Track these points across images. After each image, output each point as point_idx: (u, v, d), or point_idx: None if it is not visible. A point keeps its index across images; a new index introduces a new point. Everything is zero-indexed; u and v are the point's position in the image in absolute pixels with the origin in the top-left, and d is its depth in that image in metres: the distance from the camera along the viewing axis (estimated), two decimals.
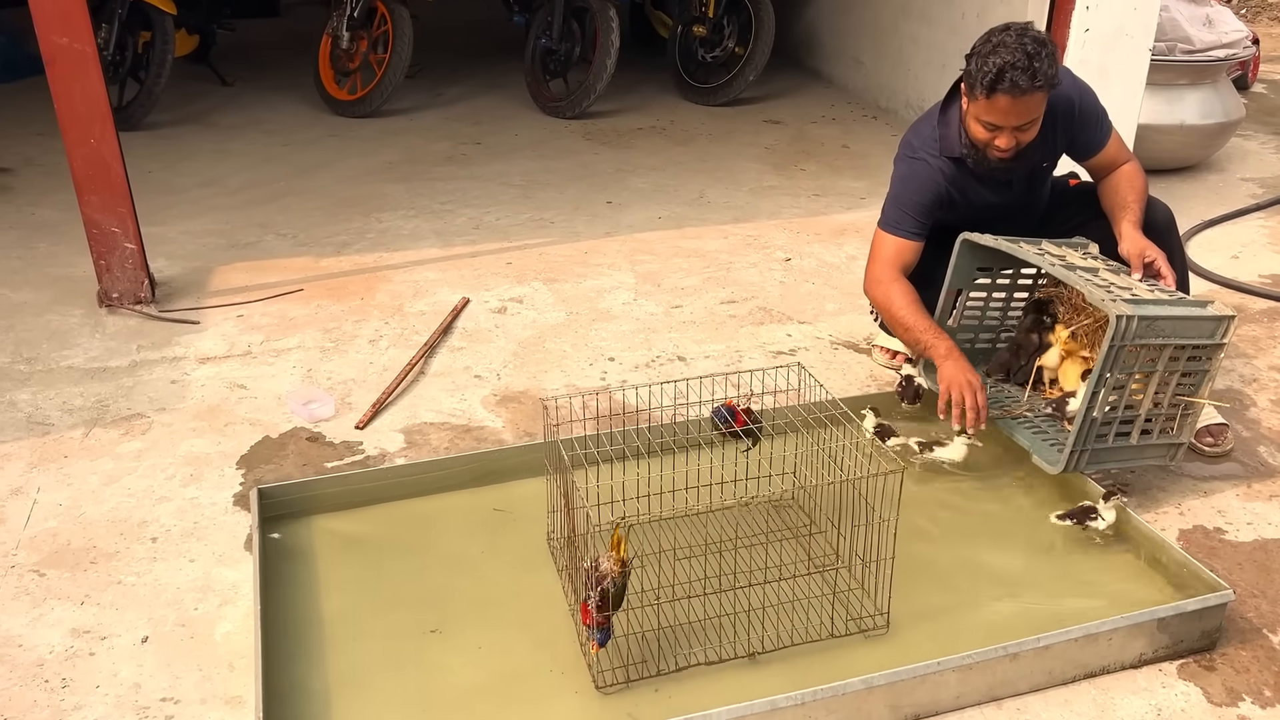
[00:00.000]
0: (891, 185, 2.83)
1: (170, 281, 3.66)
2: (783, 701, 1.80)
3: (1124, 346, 2.32)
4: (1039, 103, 2.52)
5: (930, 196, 2.73)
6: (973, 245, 2.69)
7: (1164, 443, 2.49)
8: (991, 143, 2.58)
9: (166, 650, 2.08)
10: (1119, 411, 2.41)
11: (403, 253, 3.95)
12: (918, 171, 2.75)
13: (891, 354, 3.12)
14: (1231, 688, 2.00)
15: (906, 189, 2.76)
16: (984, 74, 2.47)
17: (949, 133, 2.71)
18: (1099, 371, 2.33)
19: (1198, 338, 2.41)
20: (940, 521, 2.40)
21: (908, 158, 2.79)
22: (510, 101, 5.97)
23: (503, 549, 2.31)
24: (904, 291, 2.71)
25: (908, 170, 2.78)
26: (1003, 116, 2.52)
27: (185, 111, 5.69)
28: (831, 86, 6.38)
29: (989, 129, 2.56)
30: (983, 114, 2.54)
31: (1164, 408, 2.46)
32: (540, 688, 1.94)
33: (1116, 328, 2.28)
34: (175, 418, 2.87)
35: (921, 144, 2.77)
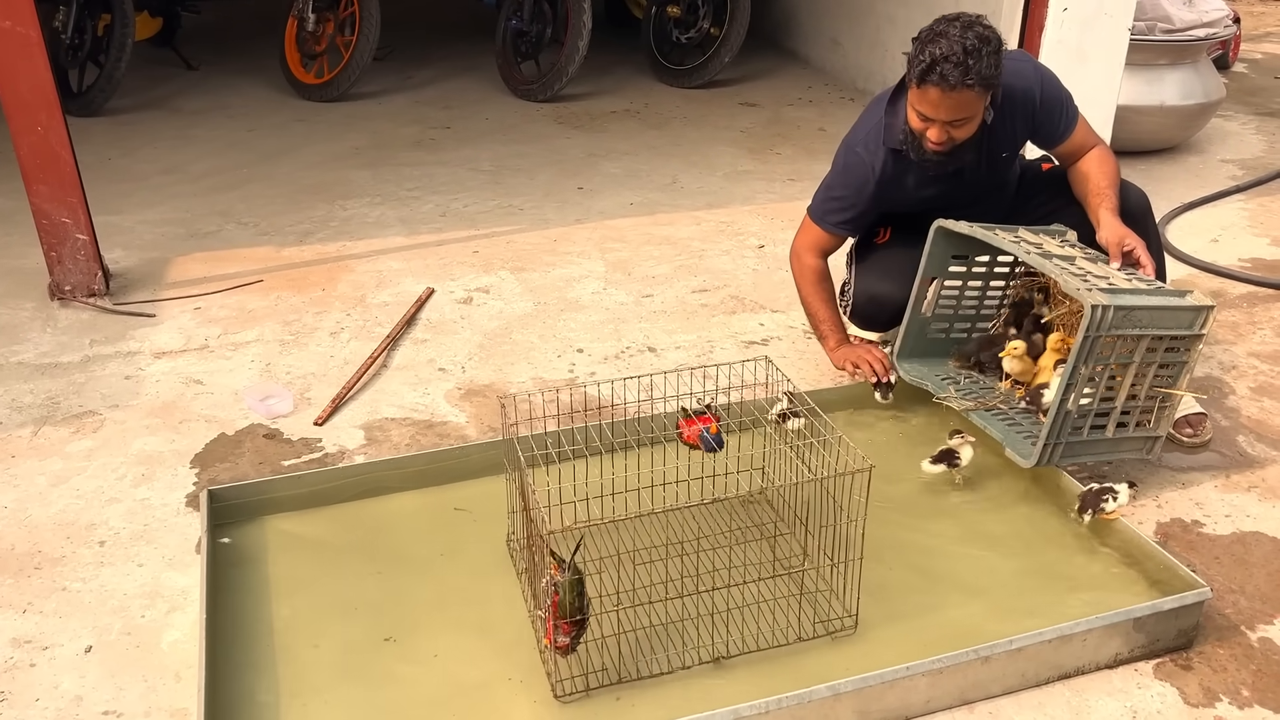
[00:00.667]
0: (829, 172, 2.79)
1: (126, 273, 3.56)
2: (746, 710, 1.74)
3: (1099, 337, 2.26)
4: (972, 101, 2.44)
5: (855, 194, 2.70)
6: (948, 233, 2.63)
7: (1141, 436, 2.44)
8: (924, 133, 2.52)
9: (111, 660, 2.00)
10: (1094, 404, 2.35)
11: (367, 241, 3.86)
12: (852, 165, 2.70)
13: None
14: (1208, 688, 1.95)
15: (838, 182, 2.74)
16: (919, 62, 2.41)
17: (895, 122, 2.64)
18: (1073, 362, 2.27)
19: (1176, 328, 2.35)
20: (910, 519, 2.34)
21: (848, 146, 2.74)
22: (481, 84, 5.86)
23: (462, 551, 2.24)
24: (811, 273, 2.80)
25: (844, 161, 2.73)
26: (933, 109, 2.45)
27: (147, 96, 5.56)
28: (808, 68, 6.29)
29: (922, 119, 2.50)
30: (916, 102, 2.49)
31: (1141, 400, 2.40)
32: (498, 697, 1.87)
33: (1092, 318, 2.22)
34: (128, 415, 2.78)
35: (865, 134, 2.70)
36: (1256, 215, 4.23)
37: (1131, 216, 2.63)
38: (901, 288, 2.75)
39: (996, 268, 2.79)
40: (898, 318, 2.78)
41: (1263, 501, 2.46)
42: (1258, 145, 5.10)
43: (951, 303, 2.79)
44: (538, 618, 1.95)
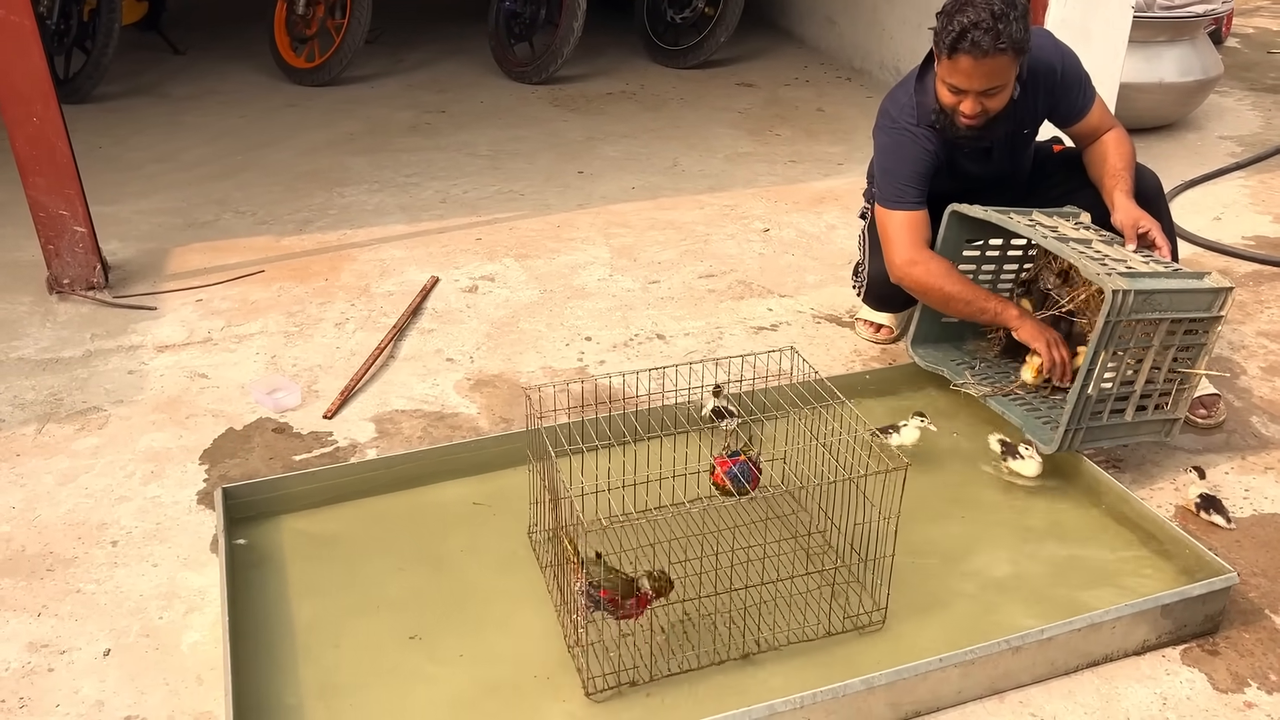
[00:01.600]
0: (878, 159, 2.73)
1: (124, 265, 3.50)
2: (781, 706, 1.73)
3: (1120, 321, 2.25)
4: (1005, 67, 2.41)
5: (924, 165, 2.63)
6: (961, 217, 2.60)
7: (1159, 418, 2.43)
8: (957, 108, 2.49)
9: (130, 663, 1.98)
10: (1114, 388, 2.34)
11: (367, 229, 3.81)
12: (903, 142, 2.65)
13: (875, 327, 3.05)
14: (1236, 673, 1.95)
15: (897, 160, 2.65)
16: (948, 33, 2.38)
17: (926, 100, 2.61)
18: (1095, 348, 2.26)
19: (1195, 310, 2.34)
20: (930, 510, 2.33)
21: (889, 128, 2.68)
22: (474, 67, 5.80)
23: (483, 545, 2.22)
24: (943, 268, 2.58)
25: (892, 141, 2.67)
26: (965, 79, 2.42)
27: (135, 82, 5.47)
28: (804, 47, 6.25)
29: (954, 92, 2.47)
30: (947, 75, 2.45)
31: (1159, 383, 2.40)
32: (527, 696, 1.86)
33: (1113, 303, 2.20)
34: (133, 411, 2.74)
35: (899, 113, 2.66)
36: (1258, 192, 4.22)
37: (1144, 198, 2.61)
38: None
39: (1010, 251, 2.77)
40: (912, 299, 2.76)
41: (1279, 483, 2.47)
42: (1254, 121, 5.09)
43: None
44: (569, 613, 1.93)
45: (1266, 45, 6.59)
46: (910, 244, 2.61)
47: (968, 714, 1.86)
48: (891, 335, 3.03)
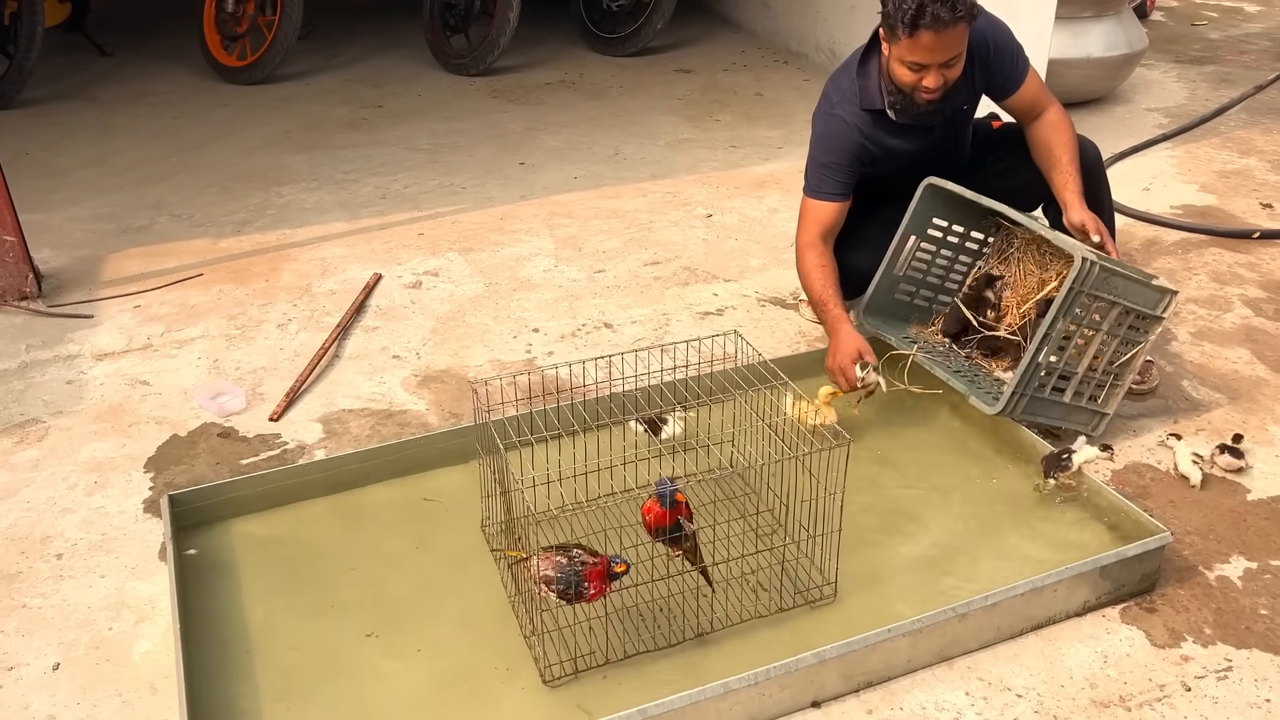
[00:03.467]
0: (811, 143, 2.77)
1: (58, 273, 3.43)
2: (735, 683, 1.76)
3: (1082, 292, 2.32)
4: (962, 35, 2.45)
5: (848, 155, 2.68)
6: (934, 193, 2.65)
7: (1091, 409, 2.51)
8: (919, 84, 2.51)
9: (81, 676, 1.95)
10: (1060, 364, 2.41)
11: (307, 228, 3.77)
12: (834, 129, 2.68)
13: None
14: (1173, 628, 2.02)
15: (823, 149, 2.71)
16: (904, 12, 2.39)
17: (869, 85, 2.65)
18: (1055, 312, 2.32)
19: (1143, 305, 2.43)
20: (873, 484, 2.37)
21: (826, 114, 2.72)
22: (411, 60, 5.75)
23: (436, 541, 2.22)
24: (817, 261, 2.69)
25: (824, 128, 2.72)
26: (927, 54, 2.44)
27: (62, 86, 5.34)
28: (741, 32, 6.28)
29: (914, 69, 2.49)
30: (906, 54, 2.47)
31: (1097, 374, 2.47)
32: (485, 686, 1.87)
33: (1080, 269, 2.28)
34: (74, 421, 2.69)
35: (840, 98, 2.69)
36: (1184, 162, 4.34)
37: (1085, 172, 2.69)
38: (867, 256, 2.77)
39: (968, 242, 2.81)
40: (863, 286, 2.81)
41: (1210, 444, 2.54)
42: (1180, 93, 5.22)
43: (922, 267, 2.81)
44: (524, 603, 1.95)
45: (1190, 18, 6.75)
46: (807, 232, 2.72)
47: (918, 682, 1.91)
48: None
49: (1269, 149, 4.47)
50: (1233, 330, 3.05)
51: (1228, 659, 1.95)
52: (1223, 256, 3.48)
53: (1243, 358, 2.91)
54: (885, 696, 1.88)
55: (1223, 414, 2.66)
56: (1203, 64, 5.72)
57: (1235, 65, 5.68)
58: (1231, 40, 6.20)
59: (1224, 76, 5.48)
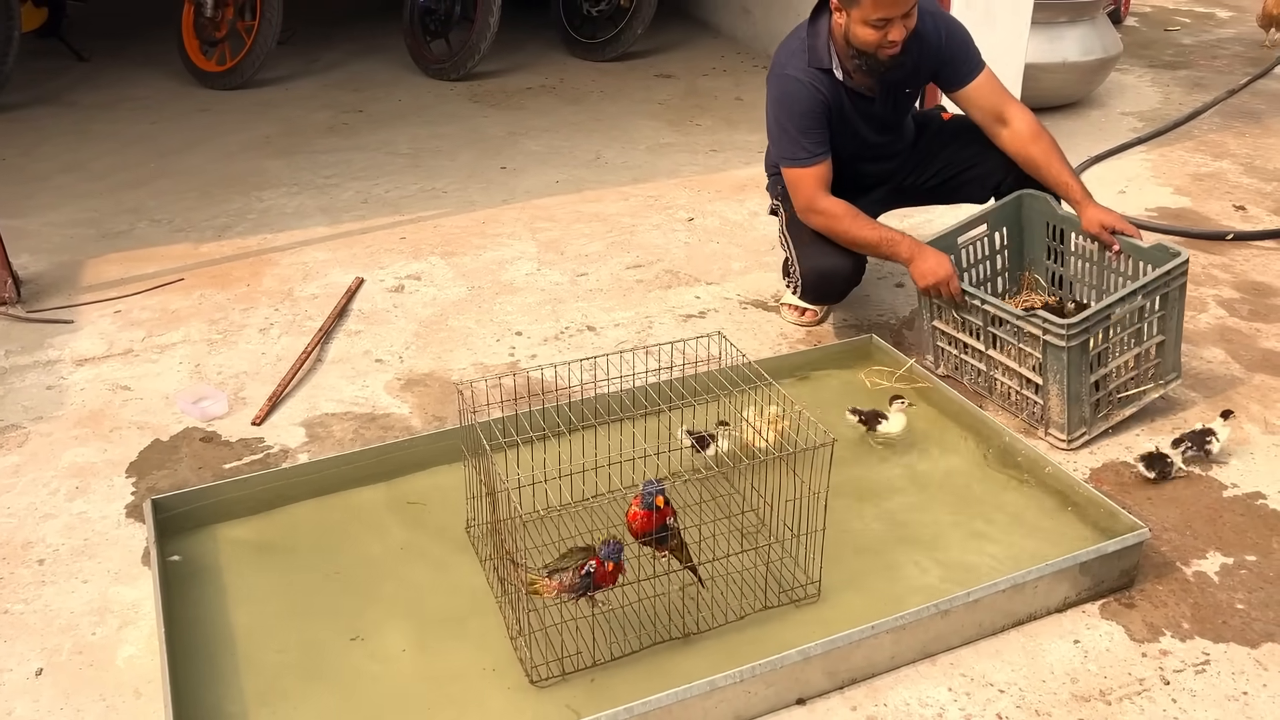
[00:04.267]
0: (771, 111, 2.77)
1: (37, 279, 3.41)
2: (721, 681, 1.77)
3: (1164, 289, 2.51)
4: None
5: (814, 114, 2.69)
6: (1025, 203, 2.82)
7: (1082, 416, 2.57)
8: (884, 40, 2.54)
9: (65, 681, 1.94)
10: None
11: (288, 233, 3.77)
12: (790, 90, 2.70)
13: (800, 311, 3.10)
14: (1151, 623, 2.05)
15: (788, 113, 2.71)
16: None
17: (818, 44, 2.67)
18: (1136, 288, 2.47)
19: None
20: (857, 483, 2.39)
21: (778, 76, 2.73)
22: (391, 65, 5.74)
23: (421, 543, 2.22)
24: (839, 209, 2.70)
25: (780, 91, 2.72)
26: (890, 7, 2.48)
27: (39, 91, 5.31)
28: (720, 37, 6.31)
29: (878, 26, 2.52)
30: (871, 13, 2.50)
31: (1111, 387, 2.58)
32: (473, 688, 1.87)
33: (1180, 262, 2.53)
34: (54, 426, 2.68)
35: (789, 58, 2.71)
36: (1159, 165, 4.39)
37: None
38: (845, 257, 2.79)
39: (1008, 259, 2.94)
40: (848, 287, 2.83)
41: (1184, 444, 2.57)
42: (1154, 97, 5.29)
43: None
44: (510, 604, 1.95)
45: (1163, 23, 6.83)
46: (810, 194, 2.72)
47: (902, 678, 1.93)
48: (816, 318, 3.09)
49: (1241, 152, 4.54)
50: (1208, 330, 3.10)
51: (1205, 653, 1.98)
52: (1197, 258, 3.52)
53: (1218, 357, 2.95)
54: (869, 693, 1.89)
55: (1198, 412, 2.70)
56: (1176, 69, 5.80)
57: (1208, 70, 5.75)
58: (1204, 45, 6.29)
59: (1197, 81, 5.55)
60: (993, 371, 2.65)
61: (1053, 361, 2.46)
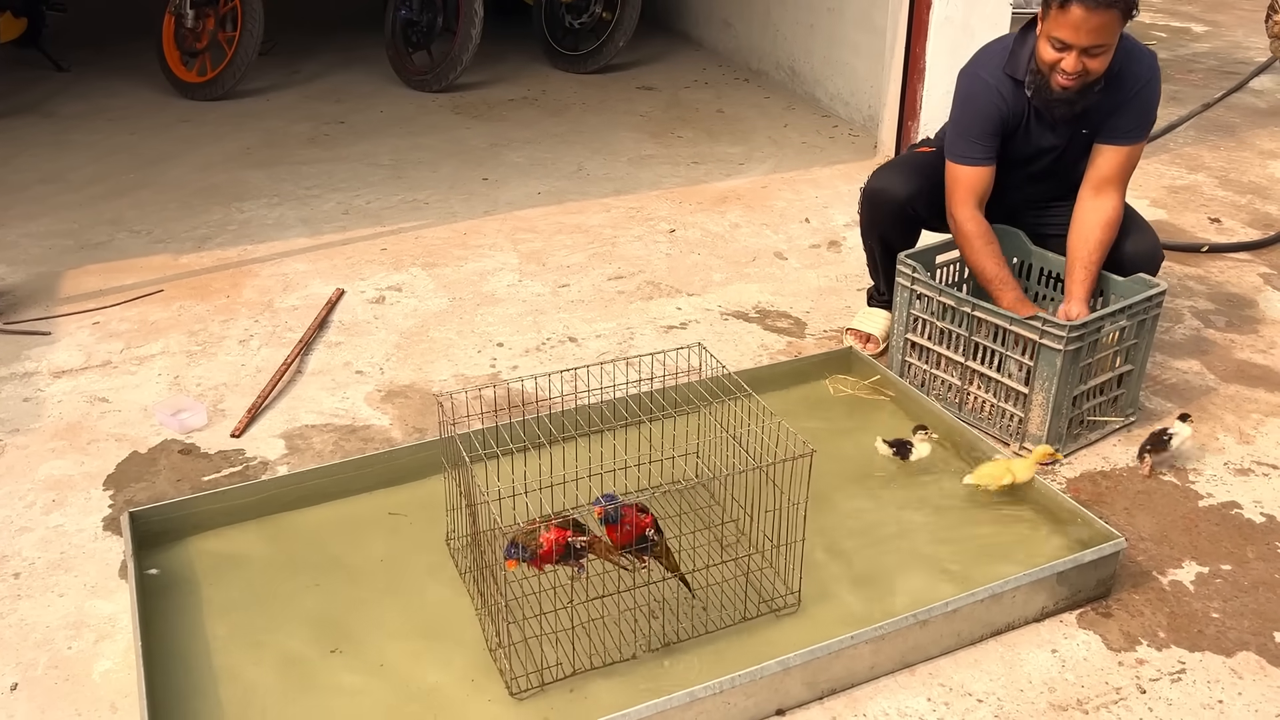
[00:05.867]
0: (953, 107, 2.72)
1: (14, 290, 3.39)
2: (701, 692, 1.77)
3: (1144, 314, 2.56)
4: (1112, 24, 2.40)
5: (993, 121, 2.63)
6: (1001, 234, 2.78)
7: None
8: (1057, 65, 2.46)
9: (40, 696, 1.92)
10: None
11: (269, 244, 3.75)
12: (976, 92, 2.65)
13: (864, 338, 3.02)
14: (1128, 632, 2.07)
15: (966, 112, 2.66)
16: None
17: (1021, 52, 2.61)
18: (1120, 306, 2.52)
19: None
20: (834, 493, 2.40)
21: (968, 74, 2.69)
22: (372, 77, 5.74)
23: (401, 555, 2.21)
24: (973, 229, 2.65)
25: (967, 90, 2.68)
26: (1073, 32, 2.40)
27: (17, 101, 5.28)
28: (702, 50, 6.34)
29: (1057, 47, 2.45)
30: (1054, 29, 2.44)
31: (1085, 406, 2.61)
32: (452, 699, 1.87)
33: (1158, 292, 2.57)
34: (31, 439, 2.66)
35: (987, 58, 2.67)
36: (1135, 178, 4.35)
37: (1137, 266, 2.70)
38: (903, 185, 2.76)
39: None
40: (895, 215, 2.79)
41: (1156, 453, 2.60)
42: None
43: None
44: (490, 616, 1.95)
45: (1139, 38, 6.90)
46: (961, 200, 2.67)
47: (881, 688, 1.93)
48: (878, 349, 3.00)
49: (1216, 165, 4.59)
50: (1183, 341, 3.13)
51: (1181, 661, 2.00)
52: (1173, 270, 3.56)
53: (1193, 368, 2.99)
54: (849, 703, 1.90)
55: (1173, 421, 2.72)
56: None
57: (1184, 84, 5.82)
58: (1180, 60, 6.36)
59: (1173, 95, 5.61)
60: (968, 385, 2.67)
61: (1044, 367, 2.47)
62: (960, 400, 2.69)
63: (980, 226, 2.67)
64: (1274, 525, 2.36)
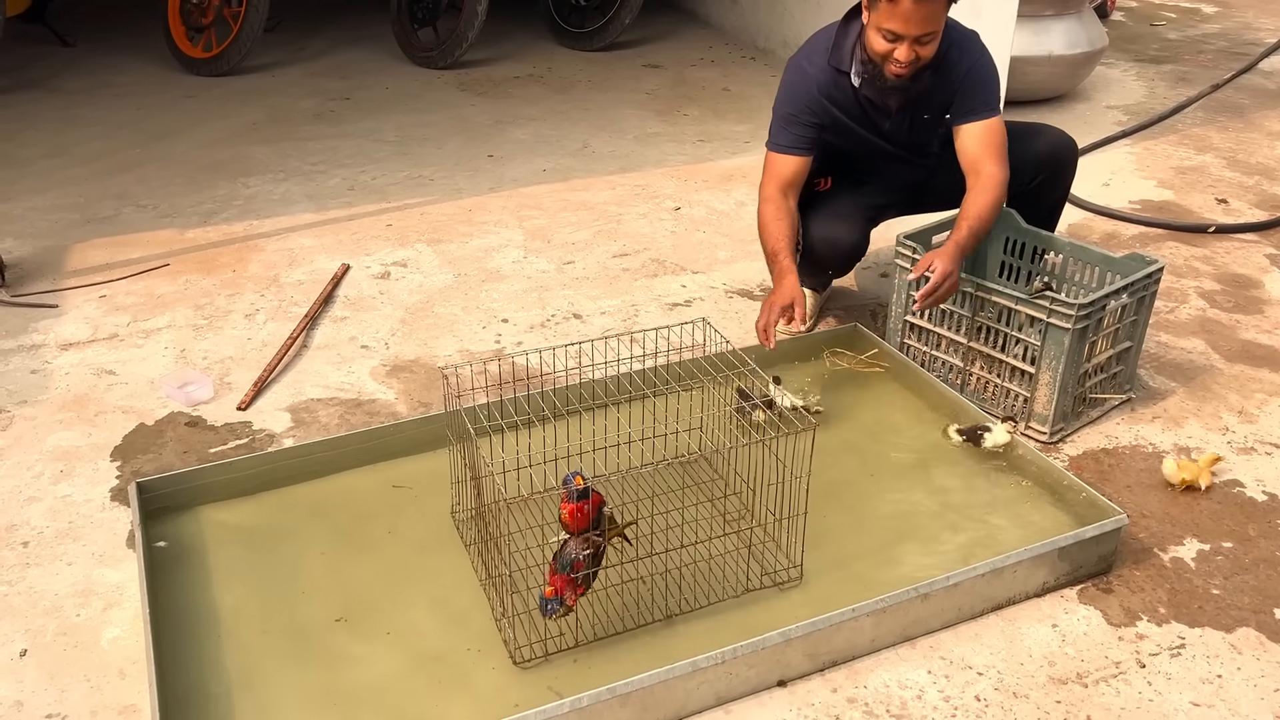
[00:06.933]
0: (776, 95, 2.80)
1: (21, 263, 3.40)
2: (704, 662, 1.79)
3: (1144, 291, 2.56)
4: (939, 12, 2.46)
5: (801, 105, 2.70)
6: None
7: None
8: (890, 55, 2.51)
9: (49, 662, 1.95)
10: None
11: (274, 219, 3.76)
12: (795, 81, 2.73)
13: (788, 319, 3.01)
14: (1128, 608, 2.08)
15: (784, 98, 2.75)
16: None
17: (844, 44, 2.66)
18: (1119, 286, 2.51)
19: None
20: (836, 467, 2.41)
21: (793, 63, 2.76)
22: (378, 53, 5.73)
23: (406, 528, 2.23)
24: (774, 214, 2.71)
25: (788, 78, 2.76)
26: (903, 23, 2.44)
27: (23, 76, 5.28)
28: (709, 27, 6.31)
29: (889, 39, 2.49)
30: (884, 21, 2.47)
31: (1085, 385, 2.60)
32: (456, 668, 1.88)
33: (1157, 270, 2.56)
34: (39, 410, 2.67)
35: (811, 50, 2.72)
36: (1143, 159, 4.42)
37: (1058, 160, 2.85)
38: (852, 230, 2.80)
39: None
40: (850, 261, 2.85)
41: (1166, 430, 2.61)
42: (1139, 91, 5.32)
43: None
44: (494, 586, 1.96)
45: (1149, 18, 6.87)
46: (769, 184, 2.76)
47: (882, 661, 1.95)
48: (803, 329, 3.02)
49: (1224, 146, 4.57)
50: (1188, 321, 3.13)
51: (1181, 637, 2.01)
52: (1179, 250, 3.56)
53: (1197, 348, 2.99)
54: (850, 675, 1.91)
55: (1177, 401, 2.73)
56: (1161, 63, 5.83)
57: (1193, 65, 5.79)
58: (1189, 40, 6.32)
59: (1182, 75, 5.59)
60: (970, 366, 2.67)
61: (1052, 346, 2.48)
62: (962, 381, 2.69)
63: (778, 212, 2.71)
64: (1276, 504, 2.37)
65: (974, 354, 2.66)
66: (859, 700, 1.86)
